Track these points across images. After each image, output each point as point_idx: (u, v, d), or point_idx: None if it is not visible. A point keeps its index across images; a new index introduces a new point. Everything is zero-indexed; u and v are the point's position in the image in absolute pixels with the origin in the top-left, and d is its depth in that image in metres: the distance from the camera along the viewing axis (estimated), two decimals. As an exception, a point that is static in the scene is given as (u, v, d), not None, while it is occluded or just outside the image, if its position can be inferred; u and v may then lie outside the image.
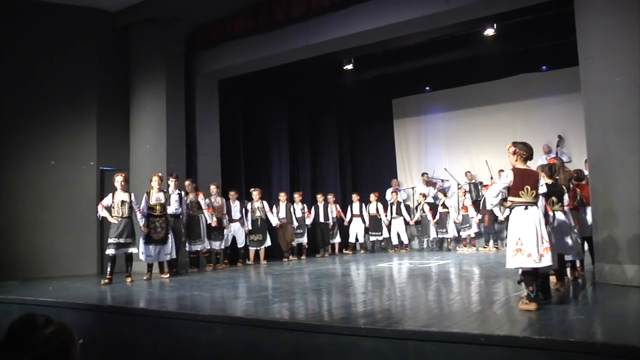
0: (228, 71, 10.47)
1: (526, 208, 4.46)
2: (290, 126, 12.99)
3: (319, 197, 11.82)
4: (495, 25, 9.86)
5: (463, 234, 11.77)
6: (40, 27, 9.39)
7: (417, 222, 12.47)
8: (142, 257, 8.04)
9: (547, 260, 4.38)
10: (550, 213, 5.04)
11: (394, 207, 12.39)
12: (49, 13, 9.42)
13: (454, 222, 11.88)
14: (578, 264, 6.27)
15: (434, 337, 3.52)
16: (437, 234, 12.04)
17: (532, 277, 4.36)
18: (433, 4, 7.87)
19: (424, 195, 12.48)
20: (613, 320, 4.12)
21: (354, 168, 14.82)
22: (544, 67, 12.17)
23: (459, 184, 12.67)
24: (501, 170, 11.75)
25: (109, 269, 7.77)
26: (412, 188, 13.54)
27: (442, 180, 13.33)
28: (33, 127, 9.26)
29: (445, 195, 12.25)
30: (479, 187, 12.32)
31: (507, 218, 5.66)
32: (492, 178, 12.27)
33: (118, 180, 7.87)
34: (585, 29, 6.21)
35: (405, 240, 12.37)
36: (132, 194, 8.02)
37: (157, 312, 5.15)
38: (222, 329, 4.46)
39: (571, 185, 6.19)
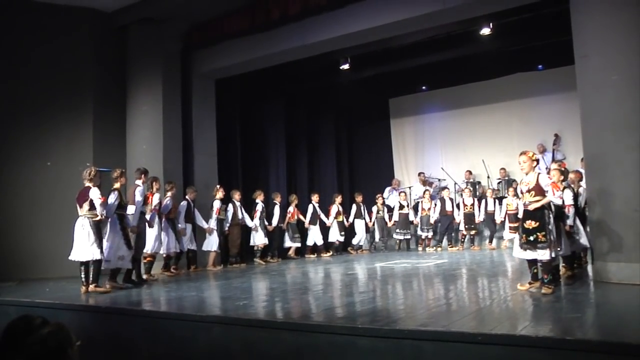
0: (225, 71, 10.46)
1: None
2: (287, 125, 12.98)
3: (276, 198, 11.00)
4: (491, 24, 9.87)
5: (422, 234, 11.82)
6: (36, 27, 9.35)
7: (373, 224, 12.37)
8: (127, 263, 7.09)
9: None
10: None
11: (362, 209, 12.23)
12: (45, 13, 9.38)
13: (412, 224, 12.00)
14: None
15: (431, 336, 3.52)
16: (396, 235, 12.11)
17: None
18: (429, 3, 7.88)
19: (384, 198, 12.58)
20: (610, 318, 4.13)
21: (351, 167, 14.83)
22: (540, 66, 12.21)
23: (455, 183, 12.70)
24: (502, 169, 11.87)
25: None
26: (409, 187, 13.55)
27: (439, 180, 13.35)
28: (29, 127, 9.22)
29: (405, 197, 12.29)
30: (477, 186, 12.35)
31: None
32: (488, 177, 12.34)
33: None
34: (581, 28, 6.22)
35: (357, 242, 12.25)
36: None
37: (155, 313, 5.15)
38: (220, 329, 4.46)
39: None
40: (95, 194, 6.71)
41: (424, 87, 13.85)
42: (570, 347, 3.12)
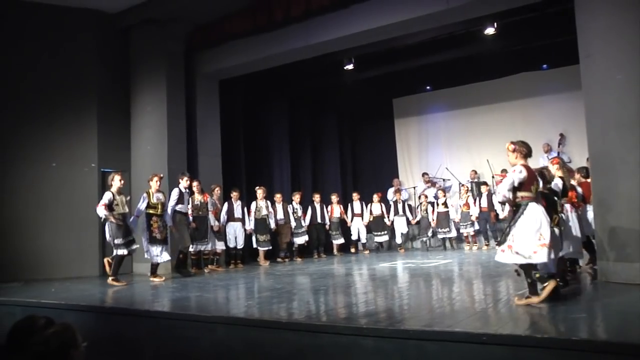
0: (228, 71, 10.47)
1: (537, 202, 4.53)
2: (291, 126, 12.98)
3: (316, 197, 11.85)
4: (495, 23, 9.84)
5: (464, 232, 11.73)
6: (40, 29, 9.39)
7: (417, 222, 12.47)
8: (154, 258, 7.93)
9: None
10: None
11: (399, 206, 12.44)
12: (49, 15, 9.42)
13: (453, 221, 11.88)
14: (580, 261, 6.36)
15: (435, 337, 3.51)
16: (438, 234, 12.02)
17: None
18: (433, 3, 7.87)
19: (426, 196, 12.51)
20: (615, 318, 4.12)
21: (354, 167, 14.82)
22: (544, 66, 12.16)
23: (460, 183, 12.67)
24: (504, 170, 11.81)
25: (118, 270, 7.70)
26: (414, 187, 13.54)
27: (444, 180, 13.33)
28: (34, 129, 9.27)
29: (444, 194, 12.21)
30: (481, 186, 12.31)
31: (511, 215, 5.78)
32: (493, 177, 12.29)
33: (118, 179, 7.71)
34: (585, 27, 6.20)
35: (399, 240, 12.42)
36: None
37: (159, 313, 5.16)
38: (224, 329, 4.46)
39: (574, 183, 6.33)
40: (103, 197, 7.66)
41: (427, 87, 13.82)
42: (575, 347, 3.11)
